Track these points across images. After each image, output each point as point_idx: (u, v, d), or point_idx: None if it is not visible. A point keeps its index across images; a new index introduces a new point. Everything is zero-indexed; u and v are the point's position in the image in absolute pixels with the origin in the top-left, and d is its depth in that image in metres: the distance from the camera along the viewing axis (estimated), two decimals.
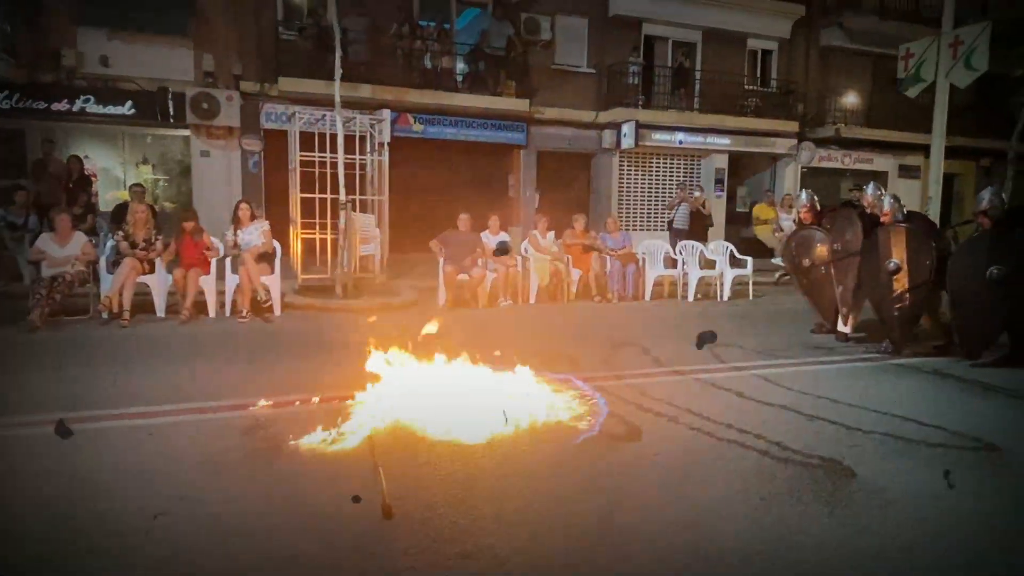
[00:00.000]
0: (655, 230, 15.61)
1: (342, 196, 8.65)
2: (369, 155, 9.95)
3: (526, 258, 9.55)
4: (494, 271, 8.98)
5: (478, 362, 4.33)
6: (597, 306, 9.35)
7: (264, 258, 7.71)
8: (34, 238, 7.83)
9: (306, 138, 9.33)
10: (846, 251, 6.81)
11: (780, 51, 17.35)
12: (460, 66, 14.46)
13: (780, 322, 8.13)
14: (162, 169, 13.30)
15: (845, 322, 7.02)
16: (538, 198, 15.36)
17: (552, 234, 9.85)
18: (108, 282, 7.18)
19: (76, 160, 10.56)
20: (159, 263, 7.46)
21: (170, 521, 2.73)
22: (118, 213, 9.38)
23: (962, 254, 6.12)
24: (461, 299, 8.81)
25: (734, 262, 10.66)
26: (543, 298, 9.43)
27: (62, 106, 11.40)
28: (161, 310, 7.45)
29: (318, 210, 9.28)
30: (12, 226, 9.26)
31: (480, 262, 8.81)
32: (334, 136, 8.80)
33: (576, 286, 9.77)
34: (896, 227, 6.36)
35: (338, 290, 8.64)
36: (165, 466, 3.28)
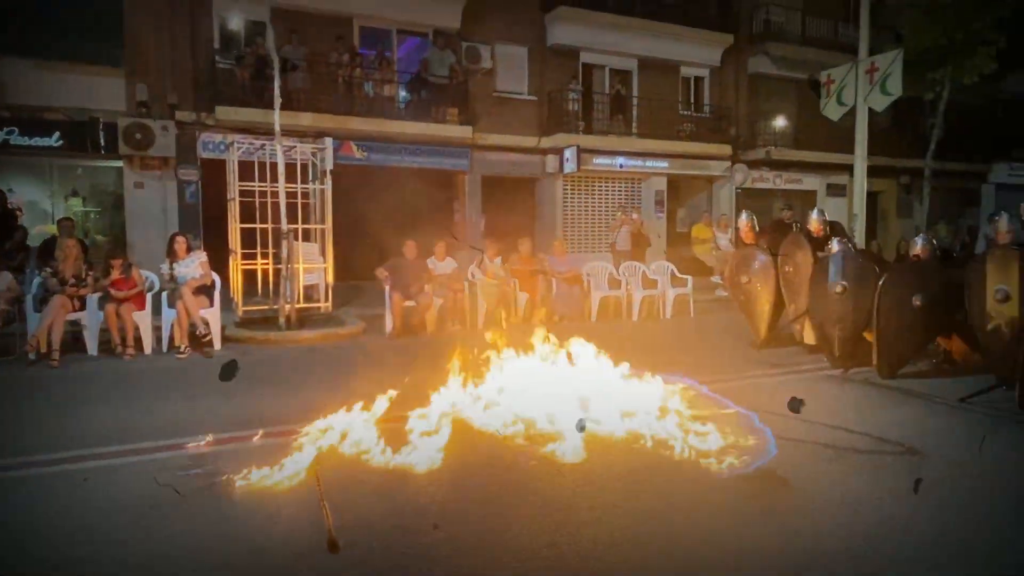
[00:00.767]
0: (599, 252, 15.90)
1: (283, 226, 8.53)
2: (311, 183, 9.86)
3: (473, 283, 9.59)
4: (441, 297, 8.98)
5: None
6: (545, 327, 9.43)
7: (202, 291, 7.51)
8: None
9: (246, 167, 9.18)
10: (797, 273, 7.15)
11: (712, 77, 18.09)
12: (402, 94, 14.55)
13: (722, 338, 8.38)
14: (93, 201, 12.86)
15: (800, 336, 7.41)
16: (483, 223, 15.47)
17: (499, 259, 9.93)
18: (35, 321, 6.86)
19: None
20: (90, 299, 7.17)
21: (99, 569, 2.62)
22: (45, 249, 8.99)
23: (890, 284, 6.42)
24: (409, 326, 8.76)
25: (675, 281, 10.97)
26: (490, 322, 9.45)
27: None
28: (93, 348, 7.15)
29: (259, 240, 9.12)
30: None
31: (427, 288, 8.80)
32: (274, 165, 8.69)
33: (524, 308, 9.85)
34: (846, 254, 6.67)
35: (281, 321, 8.47)
36: (101, 511, 3.15)
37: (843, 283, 6.46)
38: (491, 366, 4.72)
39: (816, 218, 7.49)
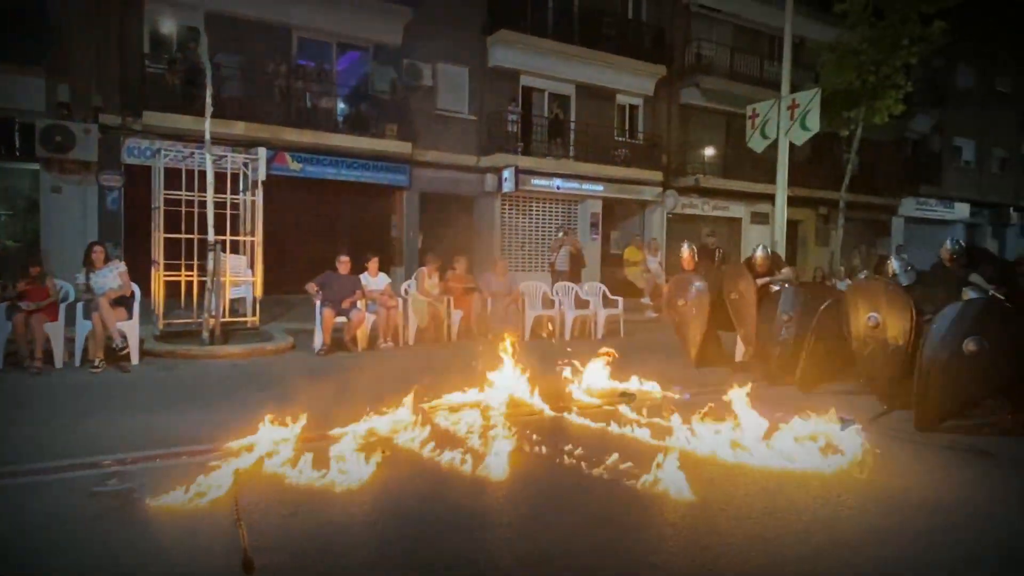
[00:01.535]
0: (535, 271, 16.12)
1: (211, 236, 8.29)
2: (242, 194, 9.63)
3: (406, 299, 9.55)
4: (374, 313, 8.90)
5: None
6: (476, 345, 9.48)
7: (121, 302, 7.21)
8: None
9: (173, 175, 8.90)
10: (743, 300, 7.57)
11: (645, 106, 18.75)
12: (341, 106, 14.43)
13: (651, 358, 8.60)
14: (5, 205, 12.14)
15: (746, 356, 7.87)
16: (421, 239, 15.44)
17: (435, 276, 9.93)
18: None
19: None
20: None
21: None
22: None
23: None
24: (340, 342, 8.64)
25: (607, 302, 11.24)
26: (422, 339, 9.43)
27: None
28: None
29: (184, 251, 8.83)
30: None
31: (359, 304, 8.71)
32: (203, 174, 8.46)
33: (458, 327, 9.88)
34: (791, 287, 7.21)
35: (204, 335, 8.19)
36: (2, 533, 2.98)
37: (789, 313, 6.91)
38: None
39: (760, 253, 7.95)
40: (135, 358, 7.24)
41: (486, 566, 2.83)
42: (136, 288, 7.53)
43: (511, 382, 5.63)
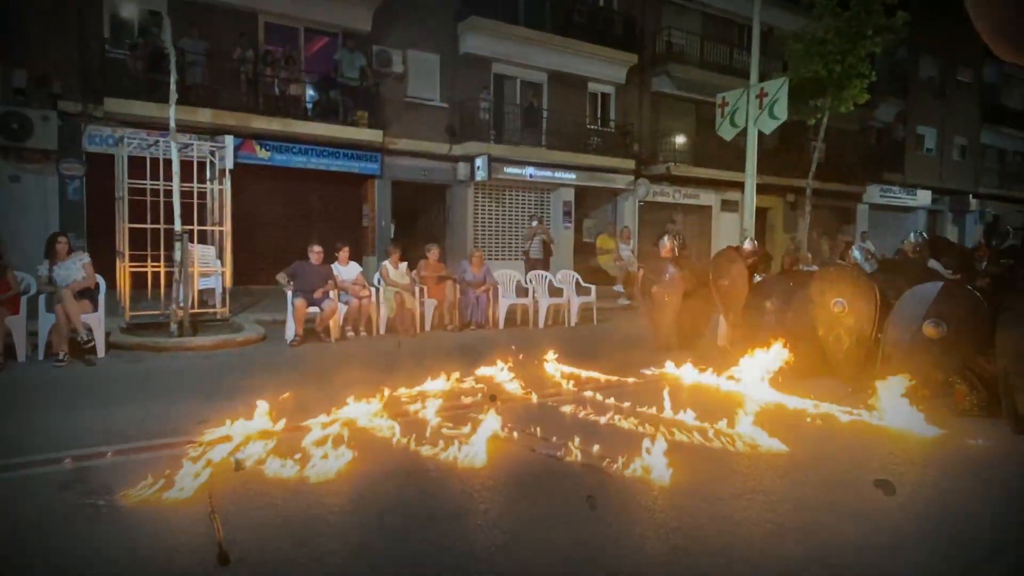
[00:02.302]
0: (508, 260, 16.13)
1: (177, 226, 8.14)
2: (209, 183, 9.46)
3: (378, 289, 9.50)
4: (346, 303, 8.84)
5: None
6: (450, 334, 9.49)
7: (85, 294, 7.04)
8: None
9: (137, 164, 8.69)
10: (733, 285, 7.69)
11: (617, 95, 18.81)
12: (310, 94, 14.21)
13: (624, 344, 8.72)
14: None
15: (730, 341, 7.99)
16: (393, 228, 15.34)
17: (405, 265, 9.88)
18: None
19: None
20: None
21: None
22: None
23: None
24: (312, 333, 8.57)
25: (580, 290, 11.31)
26: (393, 329, 9.40)
27: None
28: None
29: (150, 242, 8.65)
30: None
31: (332, 294, 8.64)
32: (169, 162, 8.28)
33: (432, 316, 9.87)
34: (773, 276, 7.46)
35: (173, 327, 8.05)
36: None
37: (772, 301, 7.12)
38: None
39: (748, 246, 8.30)
40: (101, 351, 7.09)
41: (464, 553, 2.86)
42: (101, 280, 7.37)
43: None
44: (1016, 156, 30.82)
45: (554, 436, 4.36)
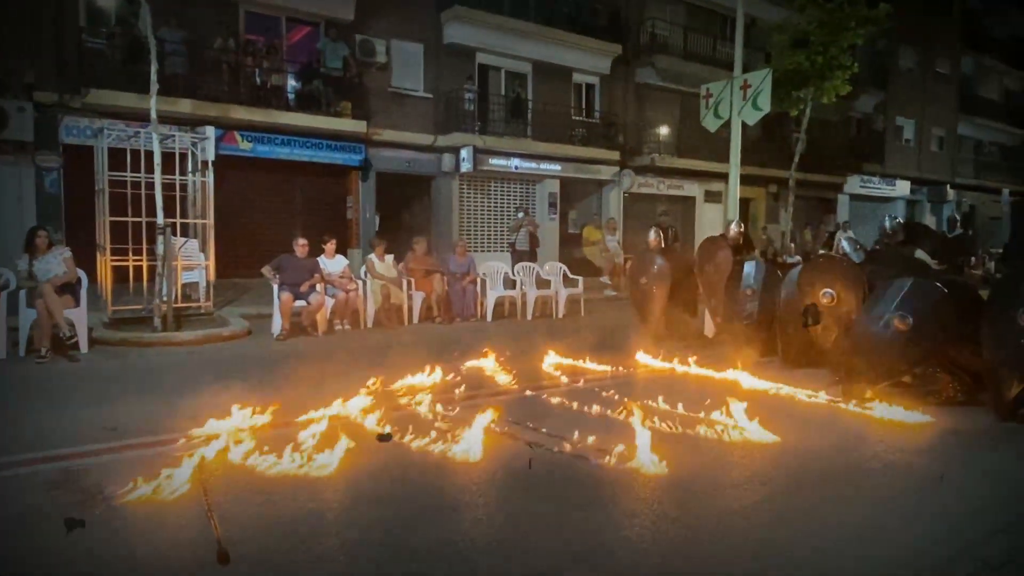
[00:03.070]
0: (495, 251, 16.10)
1: (159, 219, 7.99)
2: (191, 175, 9.31)
3: (365, 282, 9.43)
4: (332, 296, 8.76)
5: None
6: (438, 327, 9.45)
7: (66, 289, 6.91)
8: None
9: (117, 156, 8.51)
10: (717, 271, 7.74)
11: (602, 85, 18.78)
12: (292, 84, 14.02)
13: (613, 335, 8.72)
14: None
15: (715, 328, 8.11)
16: (378, 220, 15.22)
17: (391, 257, 9.82)
18: None
19: None
20: None
21: None
22: None
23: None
24: (298, 327, 8.49)
25: (567, 281, 11.32)
26: (380, 322, 9.34)
27: None
28: None
29: (131, 235, 8.50)
30: None
31: (319, 287, 8.55)
32: (149, 154, 8.13)
33: (420, 308, 9.82)
34: (754, 260, 7.51)
35: (156, 322, 7.93)
36: None
37: (753, 288, 7.18)
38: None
39: (735, 229, 8.41)
40: (84, 347, 6.97)
41: (464, 546, 2.85)
42: (83, 274, 7.23)
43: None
44: (992, 147, 31.32)
45: (544, 428, 4.37)
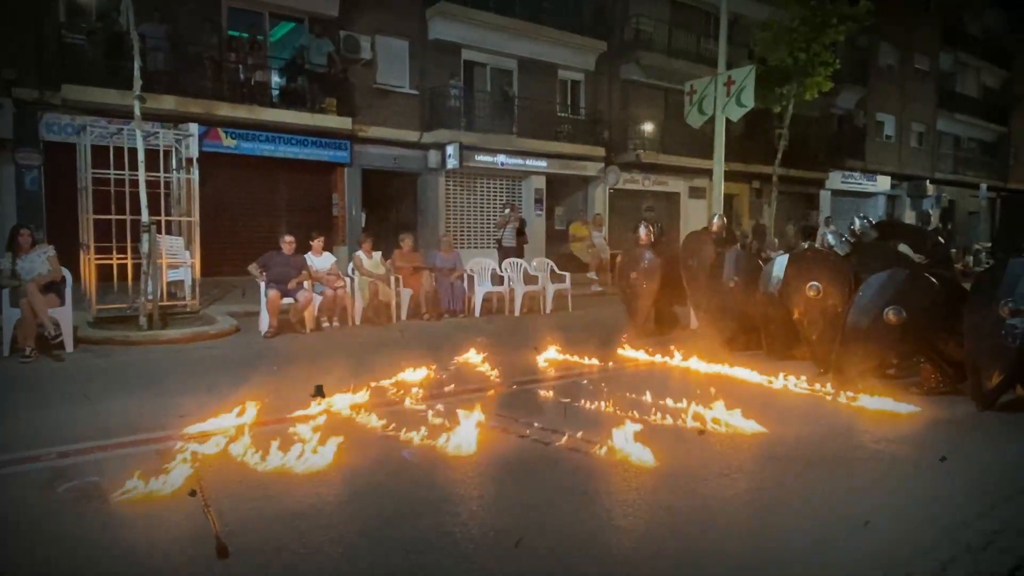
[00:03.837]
0: (482, 248, 16.10)
1: (144, 217, 7.92)
2: (175, 172, 9.22)
3: (353, 279, 9.40)
4: (320, 294, 8.73)
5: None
6: (427, 323, 9.45)
7: (50, 288, 6.83)
8: None
9: (99, 153, 8.42)
10: (702, 267, 7.82)
11: (587, 82, 18.83)
12: (276, 80, 13.92)
13: (601, 330, 8.78)
14: None
15: (698, 320, 8.25)
16: (364, 217, 15.17)
17: (379, 254, 9.80)
18: None
19: None
20: None
21: None
22: None
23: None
24: (286, 324, 8.45)
25: (554, 277, 11.37)
26: (368, 319, 9.32)
27: None
28: None
29: (115, 233, 8.41)
30: None
31: (306, 285, 8.52)
32: (133, 151, 8.04)
33: (408, 305, 9.81)
34: (735, 251, 7.58)
35: (142, 320, 7.86)
36: None
37: (735, 279, 7.26)
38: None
39: (717, 222, 8.50)
40: (69, 346, 6.89)
41: (460, 537, 2.87)
42: (67, 273, 7.15)
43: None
44: (970, 142, 31.82)
45: (536, 422, 4.41)
